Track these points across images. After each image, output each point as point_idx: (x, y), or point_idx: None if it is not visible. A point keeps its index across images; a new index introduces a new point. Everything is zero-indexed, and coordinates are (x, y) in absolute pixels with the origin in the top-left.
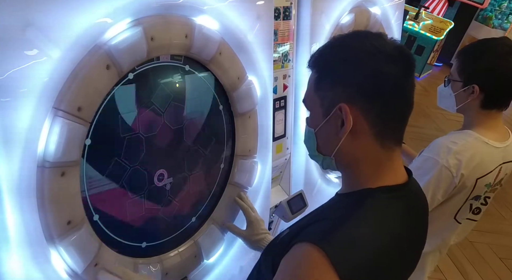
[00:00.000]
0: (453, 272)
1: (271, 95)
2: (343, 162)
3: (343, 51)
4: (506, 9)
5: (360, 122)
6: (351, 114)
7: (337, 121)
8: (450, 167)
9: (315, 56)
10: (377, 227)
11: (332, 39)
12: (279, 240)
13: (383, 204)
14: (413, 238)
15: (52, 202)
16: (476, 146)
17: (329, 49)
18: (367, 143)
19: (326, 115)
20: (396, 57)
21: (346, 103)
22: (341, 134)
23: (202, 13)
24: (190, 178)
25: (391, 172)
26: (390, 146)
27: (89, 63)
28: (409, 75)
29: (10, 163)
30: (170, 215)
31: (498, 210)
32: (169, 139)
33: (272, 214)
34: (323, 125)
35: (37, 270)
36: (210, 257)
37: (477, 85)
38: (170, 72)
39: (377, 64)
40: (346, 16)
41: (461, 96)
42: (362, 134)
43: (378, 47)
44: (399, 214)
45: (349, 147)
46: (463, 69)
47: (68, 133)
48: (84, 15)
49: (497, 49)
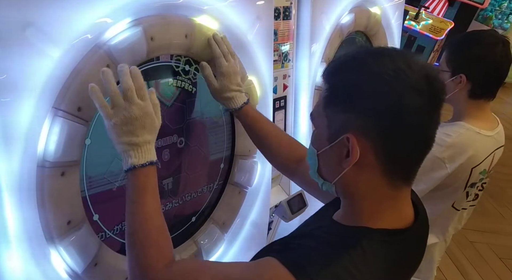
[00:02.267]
0: (453, 272)
1: (271, 95)
2: (344, 192)
3: (361, 73)
4: (506, 9)
5: (368, 157)
6: (359, 147)
7: (342, 150)
8: (444, 159)
9: (330, 69)
10: (363, 274)
11: (354, 53)
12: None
13: (378, 248)
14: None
15: (52, 201)
16: (469, 136)
17: (346, 66)
18: (372, 179)
19: (331, 141)
20: (423, 88)
21: (355, 134)
22: (345, 165)
23: (202, 13)
24: (190, 178)
25: (395, 212)
26: (398, 185)
27: (89, 63)
28: (435, 110)
29: (10, 163)
30: (170, 215)
31: (498, 210)
32: (169, 139)
33: (272, 214)
34: (327, 149)
35: (37, 270)
36: (210, 257)
37: (464, 75)
38: (170, 72)
39: (398, 95)
40: (346, 16)
41: (449, 86)
42: (368, 169)
43: (401, 74)
44: (390, 263)
45: (352, 179)
46: (451, 59)
47: (68, 133)
48: (84, 15)
49: (485, 40)
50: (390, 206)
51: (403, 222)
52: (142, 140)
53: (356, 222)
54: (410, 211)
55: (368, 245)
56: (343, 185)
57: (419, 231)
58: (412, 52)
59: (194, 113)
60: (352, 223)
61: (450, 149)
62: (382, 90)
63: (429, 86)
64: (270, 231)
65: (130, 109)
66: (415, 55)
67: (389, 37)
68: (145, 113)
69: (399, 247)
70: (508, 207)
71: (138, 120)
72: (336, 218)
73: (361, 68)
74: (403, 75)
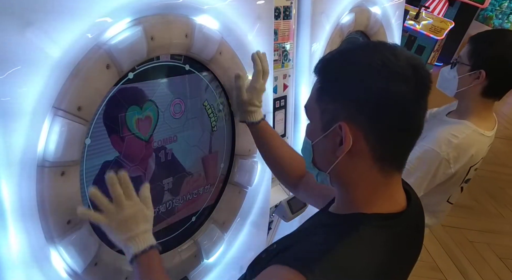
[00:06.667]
0: (453, 272)
1: (271, 95)
2: (338, 181)
3: (350, 64)
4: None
5: (360, 144)
6: (351, 135)
7: (335, 139)
8: (450, 159)
9: (321, 63)
10: (364, 259)
11: (343, 47)
12: (265, 255)
13: (375, 233)
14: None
15: (52, 201)
16: (474, 138)
17: (336, 59)
18: (365, 166)
19: (325, 130)
20: (409, 76)
21: (347, 122)
22: (339, 153)
23: (203, 13)
24: (190, 178)
25: (388, 198)
26: (389, 171)
27: (89, 62)
28: (421, 97)
29: (10, 162)
30: (170, 215)
31: (498, 210)
32: (169, 138)
33: (272, 214)
34: (321, 139)
35: (37, 269)
36: (210, 256)
37: (484, 71)
38: (170, 71)
39: (384, 83)
40: (346, 16)
41: (465, 80)
42: (360, 157)
43: (387, 64)
44: (390, 246)
45: (346, 167)
46: (473, 54)
47: (68, 133)
48: (84, 15)
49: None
50: (383, 192)
51: (396, 207)
52: (138, 231)
53: (351, 210)
54: (402, 197)
55: (365, 230)
56: (337, 173)
57: (413, 215)
58: (398, 45)
59: (193, 113)
60: (347, 211)
61: (456, 150)
62: (369, 78)
63: (415, 74)
64: (270, 231)
65: (121, 212)
66: (401, 47)
67: (389, 37)
68: (135, 211)
69: (396, 230)
70: (508, 207)
71: (131, 218)
72: (332, 209)
73: (349, 60)
74: (389, 64)
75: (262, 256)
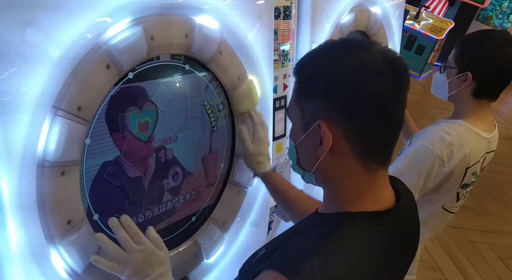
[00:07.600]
0: (453, 272)
1: (271, 95)
2: (323, 180)
3: (325, 63)
4: (506, 9)
5: (340, 142)
6: (330, 133)
7: (316, 138)
8: (443, 157)
9: (298, 65)
10: (351, 261)
11: (319, 47)
12: (254, 260)
13: (359, 230)
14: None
15: (52, 201)
16: (468, 136)
17: (312, 59)
18: (348, 164)
19: (305, 130)
20: (384, 71)
21: (325, 121)
22: (320, 152)
23: (202, 13)
24: (190, 178)
25: (374, 195)
26: (373, 168)
27: (89, 62)
28: (398, 92)
29: (10, 162)
30: (170, 215)
31: (498, 210)
32: (169, 138)
33: (272, 214)
34: (302, 139)
35: (37, 269)
36: (210, 256)
37: (470, 73)
38: (170, 71)
39: (359, 80)
40: (346, 16)
41: (454, 83)
42: (342, 154)
43: (362, 61)
44: (378, 245)
45: (329, 166)
46: (459, 57)
47: (68, 132)
48: (84, 15)
49: (495, 40)
50: (368, 189)
51: (383, 205)
52: (155, 275)
53: (337, 209)
54: (390, 194)
55: (350, 229)
56: (321, 173)
57: (404, 213)
58: (374, 41)
59: (193, 113)
60: (334, 210)
61: (449, 147)
62: (344, 75)
63: (391, 68)
64: (270, 231)
65: (133, 258)
66: (377, 43)
67: (389, 36)
68: (147, 255)
69: (384, 228)
70: (509, 207)
71: (144, 262)
72: (320, 210)
73: (324, 58)
74: (364, 59)
75: (252, 262)
